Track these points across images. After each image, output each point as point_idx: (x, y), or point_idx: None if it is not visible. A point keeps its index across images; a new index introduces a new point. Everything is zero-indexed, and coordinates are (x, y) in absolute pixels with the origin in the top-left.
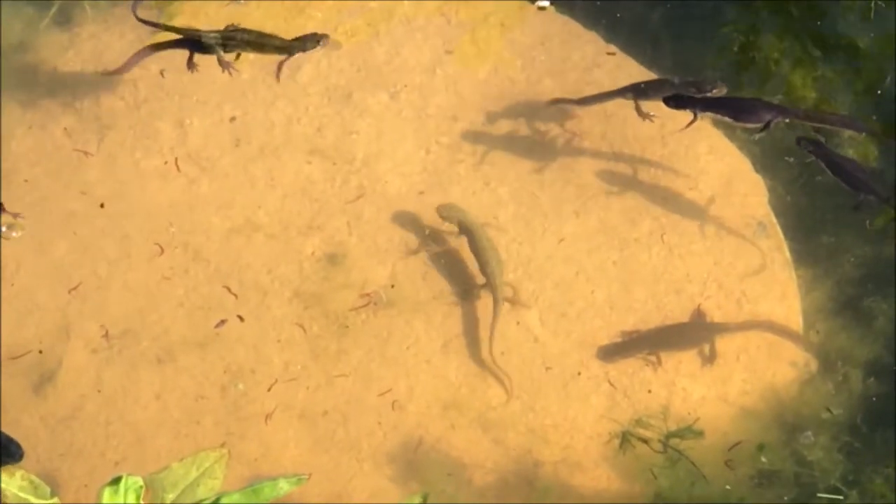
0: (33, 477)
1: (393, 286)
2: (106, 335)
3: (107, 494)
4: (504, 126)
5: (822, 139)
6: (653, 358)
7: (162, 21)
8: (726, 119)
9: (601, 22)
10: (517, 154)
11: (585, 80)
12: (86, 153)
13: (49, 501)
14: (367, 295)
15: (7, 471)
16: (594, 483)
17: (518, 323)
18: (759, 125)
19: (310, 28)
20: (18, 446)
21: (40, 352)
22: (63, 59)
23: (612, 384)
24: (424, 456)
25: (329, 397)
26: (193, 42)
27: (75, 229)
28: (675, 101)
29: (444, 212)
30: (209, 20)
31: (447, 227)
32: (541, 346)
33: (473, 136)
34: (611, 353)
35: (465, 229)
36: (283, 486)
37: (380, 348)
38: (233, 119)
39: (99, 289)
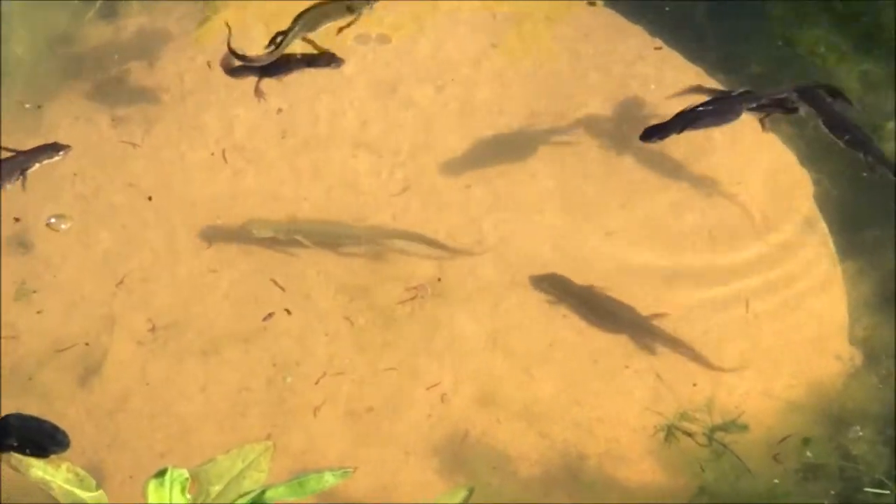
0: (79, 469)
1: (440, 279)
2: (152, 328)
3: (152, 487)
4: (549, 119)
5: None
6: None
7: (207, 14)
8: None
9: (646, 16)
10: (563, 147)
11: (630, 74)
12: (133, 145)
13: (94, 494)
14: (414, 288)
15: (53, 463)
16: (639, 476)
17: (564, 316)
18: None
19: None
20: (65, 434)
21: (87, 344)
22: (108, 51)
23: (659, 377)
24: (470, 449)
25: (375, 390)
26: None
27: (120, 221)
28: (651, 135)
29: (253, 227)
30: (256, 14)
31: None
32: (586, 339)
33: (519, 129)
34: (542, 283)
35: (281, 231)
36: (329, 479)
37: (425, 341)
38: (279, 111)
39: (144, 281)
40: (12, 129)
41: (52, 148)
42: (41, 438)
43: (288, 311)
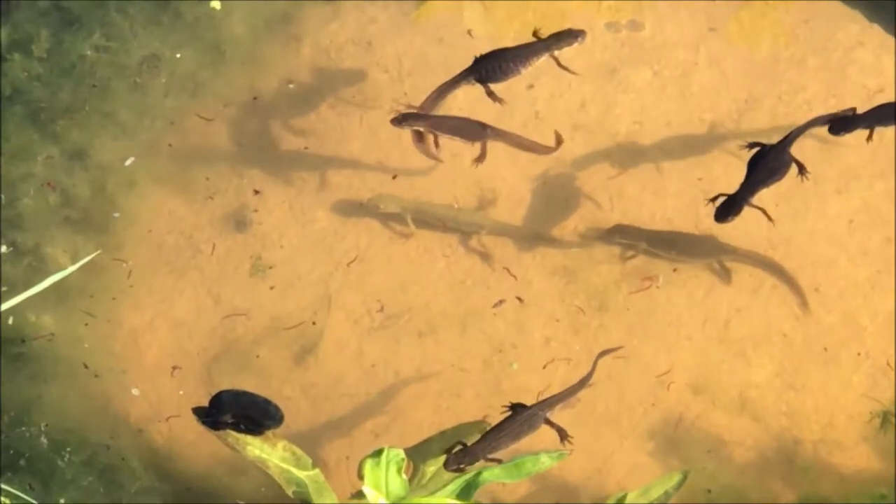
0: (295, 448)
1: (675, 270)
2: (377, 308)
3: (368, 467)
4: (767, 104)
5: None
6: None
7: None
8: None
9: (865, 1)
10: (779, 132)
11: (849, 60)
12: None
13: (311, 473)
14: (649, 278)
15: (269, 441)
16: (854, 462)
17: (781, 302)
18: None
19: (573, 3)
20: (277, 408)
21: (314, 323)
22: (326, 30)
23: (889, 365)
24: (685, 433)
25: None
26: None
27: (336, 200)
28: (725, 214)
29: (381, 202)
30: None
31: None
32: (801, 324)
33: (736, 115)
34: (612, 235)
35: (410, 211)
36: (545, 461)
37: (641, 324)
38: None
39: (361, 261)
40: (231, 108)
41: (571, 34)
42: (255, 413)
43: (520, 299)
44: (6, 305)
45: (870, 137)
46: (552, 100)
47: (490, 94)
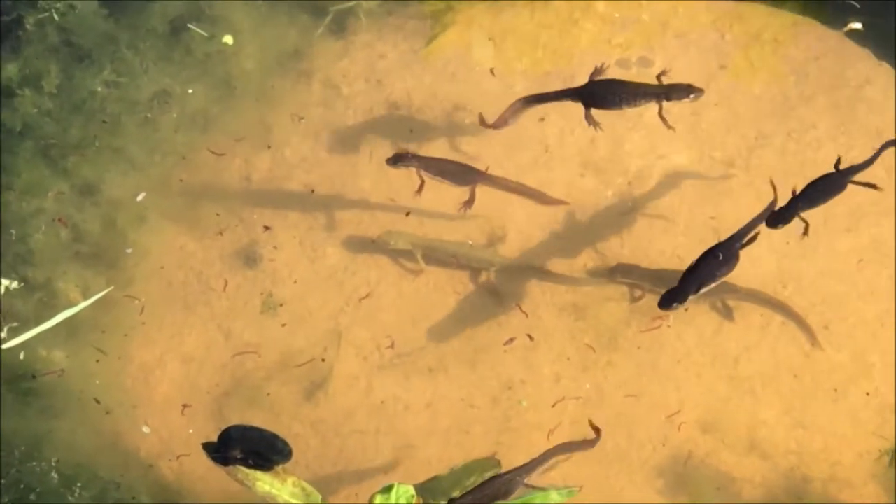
0: (305, 483)
1: (686, 310)
2: (387, 344)
3: (378, 502)
4: (777, 141)
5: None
6: (639, 294)
7: (435, 32)
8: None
9: (873, 39)
10: (789, 169)
11: (858, 98)
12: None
13: None
14: (660, 318)
15: (279, 477)
16: (862, 500)
17: (790, 339)
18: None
19: (583, 41)
20: (285, 443)
21: (323, 360)
22: (337, 67)
23: (887, 401)
24: (693, 470)
25: (599, 409)
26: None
27: (346, 237)
28: (671, 301)
29: (391, 238)
30: (483, 30)
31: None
32: (811, 361)
33: (746, 151)
34: (614, 273)
35: (420, 248)
36: (555, 498)
37: (650, 361)
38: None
39: (371, 297)
40: (241, 144)
41: (690, 89)
42: (263, 448)
43: (530, 337)
44: (18, 340)
45: (805, 232)
46: (562, 136)
47: (588, 117)
